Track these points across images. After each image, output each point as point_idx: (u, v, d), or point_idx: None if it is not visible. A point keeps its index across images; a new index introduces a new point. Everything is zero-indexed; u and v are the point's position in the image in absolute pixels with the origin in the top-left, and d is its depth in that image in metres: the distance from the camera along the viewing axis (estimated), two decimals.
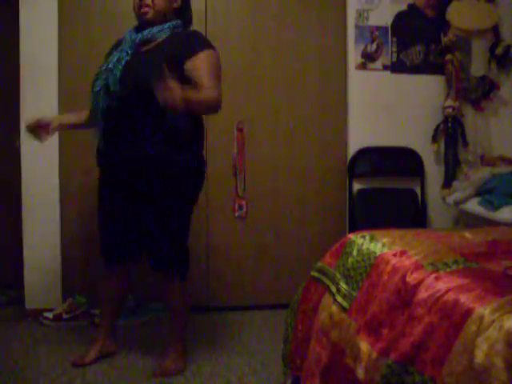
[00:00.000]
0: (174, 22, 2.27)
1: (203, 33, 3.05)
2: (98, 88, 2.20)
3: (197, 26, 3.07)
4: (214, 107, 2.18)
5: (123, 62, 2.17)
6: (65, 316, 2.89)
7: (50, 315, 2.89)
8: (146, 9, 2.21)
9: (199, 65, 2.14)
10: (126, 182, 2.29)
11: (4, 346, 2.60)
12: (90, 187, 3.01)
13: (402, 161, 3.34)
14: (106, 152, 2.27)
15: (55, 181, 3.01)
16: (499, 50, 3.27)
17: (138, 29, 2.26)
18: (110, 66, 2.18)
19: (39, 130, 2.34)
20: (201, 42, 2.23)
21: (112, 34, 2.85)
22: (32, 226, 2.99)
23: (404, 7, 3.28)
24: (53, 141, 2.98)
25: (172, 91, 1.92)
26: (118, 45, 2.33)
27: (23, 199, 2.97)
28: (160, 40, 2.22)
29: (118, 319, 2.58)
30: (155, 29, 2.22)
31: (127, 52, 2.20)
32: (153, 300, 3.05)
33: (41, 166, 2.99)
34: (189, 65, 2.14)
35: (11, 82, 3.00)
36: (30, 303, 3.01)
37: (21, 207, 2.97)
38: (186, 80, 2.10)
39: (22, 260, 2.98)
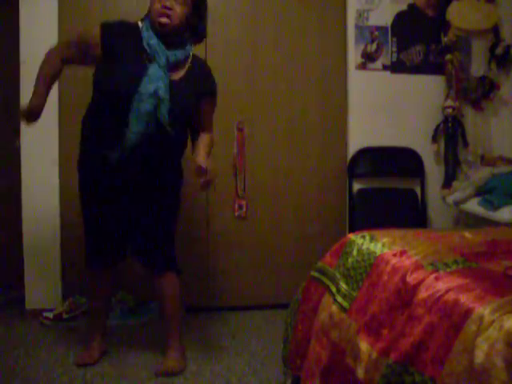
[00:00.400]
0: (190, 47, 2.31)
1: None
2: (145, 111, 2.16)
3: None
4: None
5: (168, 91, 2.18)
6: (65, 316, 2.89)
7: (50, 315, 2.89)
8: (165, 20, 2.17)
9: (209, 108, 2.39)
10: (130, 189, 2.32)
11: (4, 345, 2.60)
12: None
13: (402, 161, 3.34)
14: (123, 170, 2.25)
15: (55, 181, 3.01)
16: (499, 50, 3.27)
17: (162, 37, 2.20)
18: (161, 93, 2.15)
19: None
20: (215, 87, 2.40)
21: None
22: (32, 226, 2.98)
23: (404, 7, 3.28)
24: (53, 141, 2.99)
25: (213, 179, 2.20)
26: (127, 33, 2.24)
27: (23, 199, 2.97)
28: (185, 69, 2.28)
29: (108, 318, 2.62)
30: (182, 53, 2.25)
31: (168, 79, 2.20)
32: (153, 300, 3.04)
33: (41, 166, 2.99)
34: (202, 102, 2.35)
35: (11, 82, 3.00)
36: (30, 303, 3.01)
37: (21, 207, 2.97)
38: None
39: (22, 260, 2.99)
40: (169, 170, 2.35)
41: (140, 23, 2.26)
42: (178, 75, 2.26)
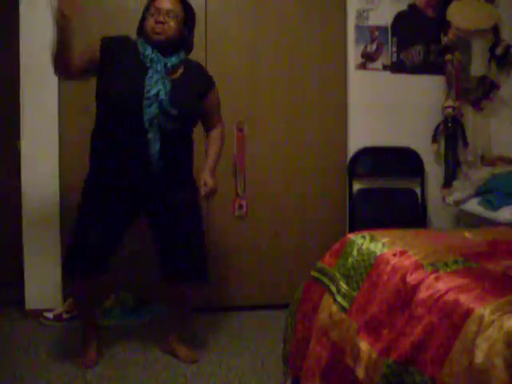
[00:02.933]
0: (182, 53, 2.40)
1: (203, 33, 3.08)
2: (152, 115, 2.25)
3: (197, 26, 3.08)
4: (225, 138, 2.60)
5: (170, 93, 2.28)
6: (65, 316, 2.89)
7: (50, 315, 2.89)
8: (160, 37, 2.30)
9: (212, 101, 2.49)
10: (147, 197, 2.38)
11: (4, 345, 2.60)
12: None
13: (402, 161, 3.34)
14: (143, 172, 2.31)
15: (55, 181, 3.00)
16: (499, 50, 3.27)
17: (157, 48, 2.31)
18: (162, 95, 2.25)
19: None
20: (211, 79, 2.51)
21: (111, 33, 2.85)
22: (32, 226, 2.98)
23: (404, 7, 3.28)
24: (53, 141, 2.99)
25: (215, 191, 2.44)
26: (126, 49, 2.34)
27: (23, 199, 2.97)
28: (181, 70, 2.38)
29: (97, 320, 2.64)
30: (178, 57, 2.36)
31: (168, 79, 2.30)
32: (153, 300, 3.05)
33: (41, 166, 2.99)
34: (206, 100, 2.45)
35: (11, 82, 3.00)
36: (30, 303, 3.01)
37: (21, 207, 2.97)
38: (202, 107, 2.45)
39: (22, 260, 2.98)
40: (182, 174, 2.42)
41: (137, 40, 2.39)
42: (176, 75, 2.36)
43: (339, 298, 1.74)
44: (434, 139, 3.31)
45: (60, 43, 2.13)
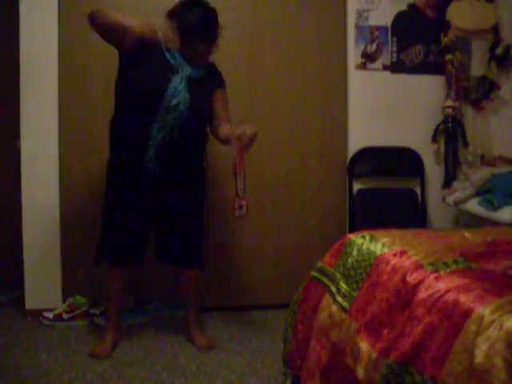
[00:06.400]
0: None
1: None
2: (168, 123, 2.39)
3: None
4: None
5: (188, 105, 2.40)
6: (65, 316, 2.89)
7: (50, 315, 2.89)
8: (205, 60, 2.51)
9: (222, 99, 2.58)
10: (162, 186, 2.51)
11: (4, 345, 2.60)
12: (90, 187, 3.02)
13: (402, 161, 3.34)
14: (158, 161, 2.43)
15: (55, 181, 3.00)
16: (499, 50, 3.27)
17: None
18: (181, 107, 2.39)
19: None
20: (223, 79, 2.62)
21: None
22: (32, 226, 2.98)
23: (404, 7, 3.28)
24: (53, 141, 2.99)
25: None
26: (151, 42, 2.39)
27: (23, 199, 2.97)
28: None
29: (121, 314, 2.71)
30: (201, 70, 2.49)
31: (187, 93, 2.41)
32: (153, 300, 3.05)
33: (41, 166, 2.99)
34: (216, 95, 2.55)
35: (11, 82, 3.00)
36: (30, 303, 3.00)
37: (21, 207, 2.97)
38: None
39: (22, 260, 2.98)
40: (193, 168, 2.57)
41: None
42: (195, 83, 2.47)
43: (339, 298, 1.74)
44: (434, 139, 3.31)
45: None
